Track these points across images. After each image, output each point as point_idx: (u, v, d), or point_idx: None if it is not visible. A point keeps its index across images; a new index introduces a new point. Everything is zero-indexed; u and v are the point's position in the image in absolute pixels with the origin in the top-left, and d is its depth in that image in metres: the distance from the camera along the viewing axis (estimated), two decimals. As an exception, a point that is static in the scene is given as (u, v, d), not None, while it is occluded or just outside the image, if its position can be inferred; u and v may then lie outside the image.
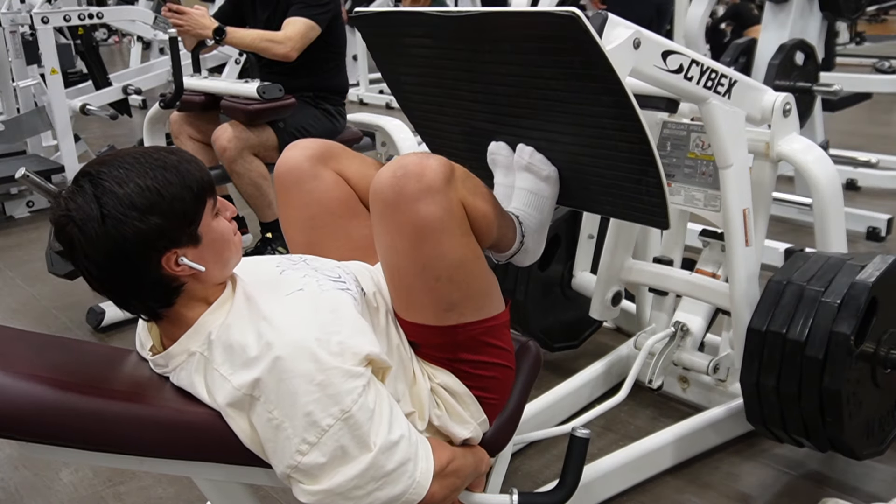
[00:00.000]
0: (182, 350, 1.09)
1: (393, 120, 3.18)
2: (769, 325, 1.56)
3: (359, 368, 1.04)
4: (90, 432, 0.99)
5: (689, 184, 1.80)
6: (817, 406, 1.51)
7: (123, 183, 1.02)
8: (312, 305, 1.09)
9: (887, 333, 1.56)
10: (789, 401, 1.55)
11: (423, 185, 1.12)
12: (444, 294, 1.18)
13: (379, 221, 1.18)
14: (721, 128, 1.58)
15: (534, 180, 1.49)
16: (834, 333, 1.48)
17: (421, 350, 1.24)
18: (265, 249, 3.05)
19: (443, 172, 1.14)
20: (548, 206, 1.50)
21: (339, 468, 1.02)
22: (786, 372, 1.54)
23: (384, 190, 1.14)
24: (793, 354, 1.52)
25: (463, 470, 1.20)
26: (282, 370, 1.01)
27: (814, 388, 1.50)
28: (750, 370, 1.60)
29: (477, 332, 1.23)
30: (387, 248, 1.19)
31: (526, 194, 1.49)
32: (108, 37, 12.03)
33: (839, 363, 1.47)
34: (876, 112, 5.66)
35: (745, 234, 1.67)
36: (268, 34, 2.83)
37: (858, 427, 1.56)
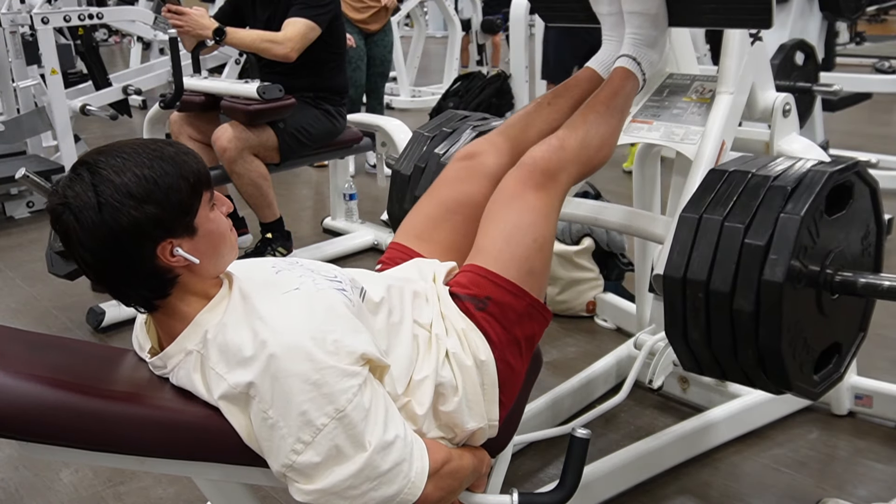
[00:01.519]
0: (179, 349, 1.10)
1: (393, 120, 3.18)
2: (688, 274, 1.34)
3: (354, 367, 1.04)
4: (90, 432, 0.99)
5: (672, 121, 1.76)
6: (756, 361, 1.32)
7: (121, 172, 1.02)
8: (308, 304, 1.09)
9: (832, 254, 1.36)
10: (725, 355, 1.36)
11: (547, 176, 1.38)
12: (532, 257, 1.32)
13: (503, 189, 1.38)
14: (737, 54, 1.60)
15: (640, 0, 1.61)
16: (765, 283, 1.26)
17: (488, 308, 1.27)
18: (265, 250, 3.05)
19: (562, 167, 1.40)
20: (660, 22, 1.64)
21: (334, 468, 1.02)
22: (715, 326, 1.34)
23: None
24: (719, 307, 1.32)
25: (460, 472, 1.20)
26: (277, 369, 1.01)
27: (749, 343, 1.31)
28: (674, 323, 1.41)
29: (536, 314, 1.31)
30: (503, 206, 1.36)
31: (636, 17, 1.62)
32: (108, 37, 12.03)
33: (774, 315, 1.26)
34: (876, 112, 5.67)
35: (715, 161, 1.62)
36: (268, 35, 2.83)
37: (807, 365, 1.37)
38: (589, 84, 1.66)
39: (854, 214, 1.40)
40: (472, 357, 1.23)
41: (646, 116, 1.80)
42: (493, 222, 1.37)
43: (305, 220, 3.96)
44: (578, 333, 2.61)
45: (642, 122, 1.79)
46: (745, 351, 1.33)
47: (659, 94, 1.82)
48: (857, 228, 1.42)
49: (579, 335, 2.59)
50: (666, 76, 1.84)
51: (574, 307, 2.70)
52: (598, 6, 1.70)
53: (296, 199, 4.39)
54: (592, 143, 1.48)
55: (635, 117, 1.81)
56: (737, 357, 1.36)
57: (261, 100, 2.74)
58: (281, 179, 4.15)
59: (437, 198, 1.52)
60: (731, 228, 1.31)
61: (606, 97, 1.56)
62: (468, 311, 1.27)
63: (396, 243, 1.48)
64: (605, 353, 2.21)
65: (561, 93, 1.66)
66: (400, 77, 6.97)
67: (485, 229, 1.37)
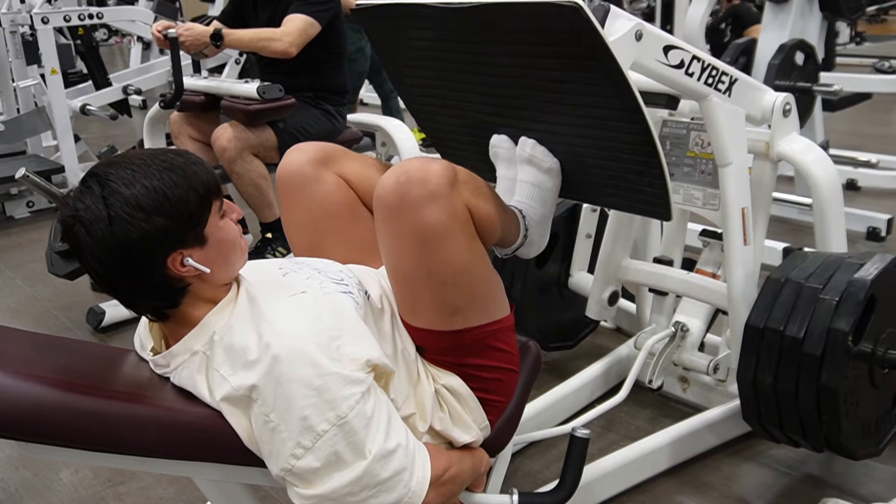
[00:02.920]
0: (185, 349, 1.10)
1: (393, 120, 3.18)
2: (767, 322, 1.55)
3: (358, 374, 1.03)
4: (90, 432, 0.99)
5: (688, 182, 1.80)
6: (814, 404, 1.50)
7: (130, 184, 1.02)
8: (314, 309, 1.09)
9: (885, 333, 1.55)
10: (786, 398, 1.54)
11: (426, 190, 1.12)
12: (450, 298, 1.18)
13: (383, 227, 1.18)
14: (721, 126, 1.58)
15: (536, 173, 1.50)
16: (832, 330, 1.46)
17: (427, 354, 1.24)
18: (265, 250, 3.05)
19: (446, 177, 1.14)
20: (550, 199, 1.51)
21: (333, 474, 1.02)
22: (783, 369, 1.53)
23: (388, 196, 1.14)
24: (790, 351, 1.51)
25: (460, 476, 1.20)
26: (280, 374, 1.01)
27: (811, 385, 1.49)
28: (747, 367, 1.59)
29: (482, 335, 1.23)
30: (391, 253, 1.19)
31: (528, 187, 1.50)
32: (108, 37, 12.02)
33: (837, 360, 1.46)
34: (876, 112, 5.66)
35: (743, 232, 1.67)
36: (266, 32, 2.83)
37: (855, 427, 1.55)
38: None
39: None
40: (437, 382, 1.23)
41: None
42: (390, 268, 1.22)
43: (305, 220, 3.96)
44: (578, 333, 2.60)
45: None
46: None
47: (663, 147, 1.83)
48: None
49: (579, 335, 2.59)
50: (661, 124, 1.85)
51: (574, 307, 2.70)
52: (497, 167, 1.58)
53: (296, 198, 4.38)
54: (481, 190, 1.24)
55: None
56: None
57: (261, 100, 2.74)
58: (281, 179, 4.15)
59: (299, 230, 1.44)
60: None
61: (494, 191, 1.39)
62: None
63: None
64: (605, 353, 2.20)
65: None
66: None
67: (387, 274, 1.24)
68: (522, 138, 1.51)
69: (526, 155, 1.50)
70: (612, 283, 2.03)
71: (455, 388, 1.23)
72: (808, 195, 1.92)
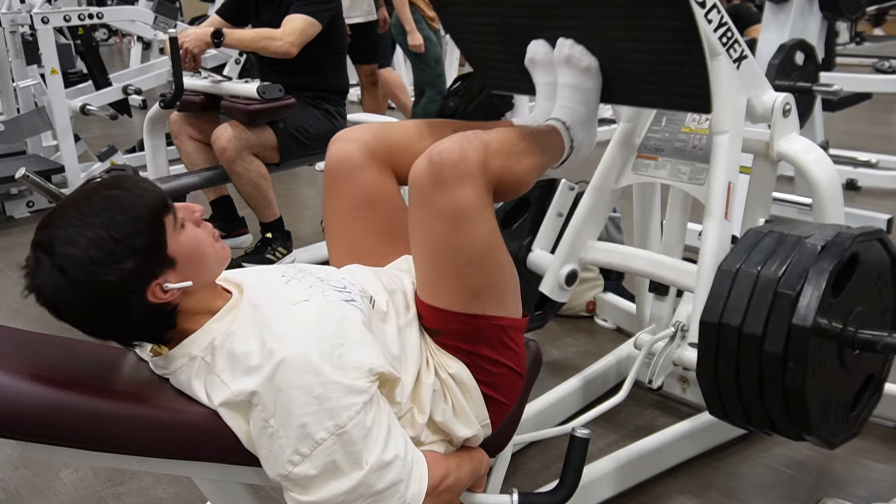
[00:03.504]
0: (183, 354, 1.09)
1: (393, 120, 3.18)
2: (722, 318, 1.42)
3: (360, 384, 1.03)
4: (90, 432, 0.99)
5: (677, 157, 1.77)
6: (781, 404, 1.39)
7: (76, 242, 1.00)
8: (317, 317, 1.08)
9: (854, 312, 1.42)
10: (751, 398, 1.43)
11: (459, 171, 1.16)
12: (472, 279, 1.21)
13: (416, 205, 1.21)
14: (725, 89, 1.56)
15: (575, 74, 1.51)
16: (794, 327, 1.34)
17: (441, 338, 1.24)
18: (265, 250, 3.05)
19: (478, 157, 1.18)
20: (593, 99, 1.53)
21: (330, 482, 1.02)
22: (745, 368, 1.41)
23: (422, 177, 1.18)
24: (750, 349, 1.39)
25: (458, 484, 1.20)
26: (281, 380, 1.01)
27: (776, 384, 1.38)
28: (706, 367, 1.47)
29: (497, 327, 1.24)
30: (422, 231, 1.22)
31: (569, 90, 1.52)
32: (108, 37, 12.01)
33: (801, 358, 1.34)
34: (876, 112, 5.66)
35: (725, 206, 1.62)
36: (266, 32, 2.83)
37: (827, 415, 1.44)
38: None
39: (872, 278, 1.45)
40: (444, 371, 1.23)
41: (650, 151, 1.81)
42: (418, 246, 1.25)
43: (305, 220, 3.96)
44: (578, 333, 2.61)
45: (648, 159, 1.80)
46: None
47: (658, 124, 1.83)
48: (879, 291, 1.47)
49: (579, 335, 2.59)
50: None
51: (574, 307, 2.70)
52: (535, 75, 1.60)
53: (296, 199, 4.39)
54: (514, 150, 1.29)
55: (640, 152, 1.82)
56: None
57: (261, 100, 2.74)
58: (281, 179, 4.15)
59: (338, 216, 1.45)
60: (765, 279, 1.38)
61: (531, 133, 1.41)
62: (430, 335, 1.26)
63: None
64: (605, 353, 2.21)
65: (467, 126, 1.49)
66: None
67: (414, 254, 1.27)
68: (560, 39, 1.52)
69: (564, 55, 1.51)
70: (573, 261, 1.91)
71: (462, 378, 1.23)
72: (808, 195, 1.92)
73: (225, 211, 3.28)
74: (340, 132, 1.46)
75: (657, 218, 2.16)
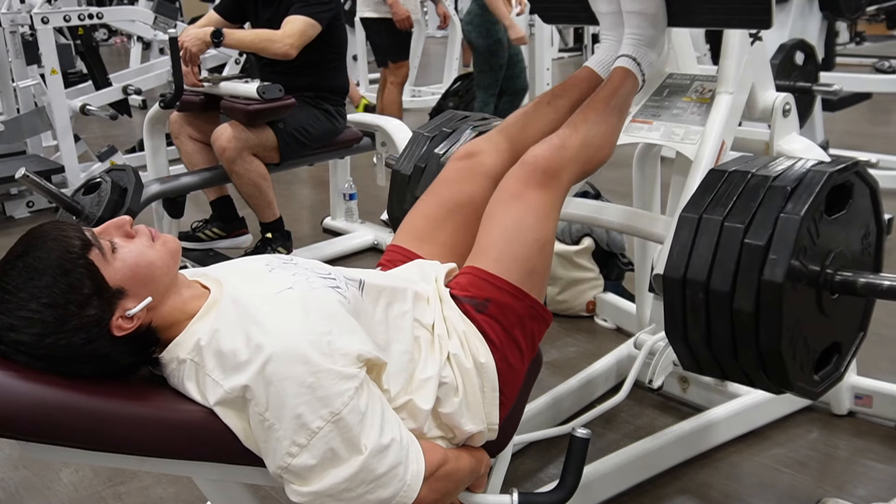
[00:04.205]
0: (171, 358, 1.09)
1: (393, 120, 3.18)
2: (687, 273, 1.34)
3: (350, 370, 1.03)
4: (90, 432, 0.98)
5: (671, 121, 1.77)
6: (757, 363, 1.32)
7: (15, 327, 0.99)
8: (302, 305, 1.08)
9: (832, 254, 1.35)
10: (724, 356, 1.37)
11: (548, 175, 1.37)
12: (533, 258, 1.31)
13: (504, 189, 1.38)
14: (735, 52, 1.60)
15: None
16: (765, 283, 1.26)
17: (488, 310, 1.27)
18: (265, 250, 3.05)
19: (564, 165, 1.40)
20: (659, 22, 1.64)
21: (330, 470, 1.02)
22: (715, 326, 1.33)
23: (520, 176, 1.37)
24: (719, 307, 1.31)
25: (456, 474, 1.19)
26: (272, 372, 1.00)
27: (749, 344, 1.30)
28: (674, 323, 1.41)
29: (536, 314, 1.31)
30: (504, 207, 1.35)
31: (635, 17, 1.63)
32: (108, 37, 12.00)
33: (773, 317, 1.26)
34: (876, 112, 5.66)
35: (715, 161, 1.62)
36: (266, 33, 2.83)
37: (807, 366, 1.36)
38: (588, 84, 1.66)
39: (854, 214, 1.40)
40: (472, 360, 1.22)
41: (645, 116, 1.80)
42: (494, 223, 1.36)
43: (305, 220, 3.96)
44: (578, 333, 2.61)
45: (642, 122, 1.79)
46: (745, 352, 1.33)
47: (659, 95, 1.82)
48: (857, 228, 1.42)
49: (579, 335, 2.59)
50: (666, 76, 1.84)
51: (574, 307, 2.70)
52: (597, 5, 1.70)
53: (296, 199, 4.39)
54: (593, 142, 1.47)
55: (635, 117, 1.81)
56: (737, 358, 1.35)
57: (261, 100, 2.74)
58: (281, 179, 4.15)
59: (437, 198, 1.51)
60: (730, 228, 1.31)
61: (606, 96, 1.56)
62: (468, 313, 1.26)
63: (396, 245, 1.48)
64: (605, 353, 2.21)
65: (560, 93, 1.66)
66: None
67: (485, 230, 1.36)
68: None
69: None
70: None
71: (487, 369, 1.23)
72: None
73: (225, 211, 3.28)
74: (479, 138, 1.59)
75: (657, 206, 2.16)
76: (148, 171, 3.23)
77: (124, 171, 2.50)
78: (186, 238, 3.20)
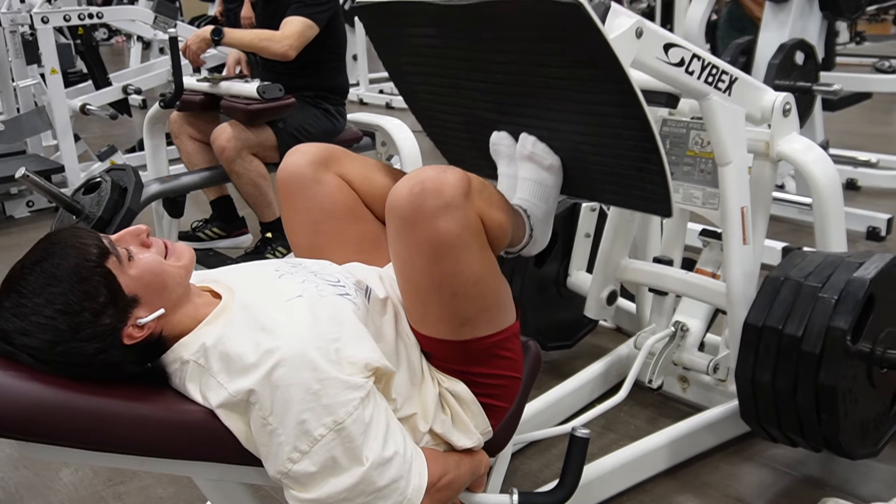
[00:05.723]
0: (175, 358, 1.09)
1: (393, 120, 3.18)
2: (766, 321, 1.55)
3: (357, 379, 1.03)
4: (90, 432, 0.99)
5: (687, 181, 1.80)
6: (813, 402, 1.50)
7: (28, 332, 0.99)
8: (311, 313, 1.08)
9: (884, 332, 1.55)
10: (784, 396, 1.54)
11: (441, 201, 1.10)
12: (460, 309, 1.17)
13: (396, 237, 1.16)
14: (721, 125, 1.58)
15: (537, 170, 1.50)
16: (831, 328, 1.46)
17: (433, 360, 1.24)
18: (265, 249, 3.05)
19: (461, 188, 1.12)
20: (553, 196, 1.52)
21: (330, 479, 1.02)
22: (782, 367, 1.53)
23: (402, 206, 1.12)
24: (789, 350, 1.51)
25: (457, 482, 1.20)
26: (279, 377, 1.00)
27: (810, 383, 1.49)
28: (745, 365, 1.59)
29: (489, 345, 1.23)
30: (403, 263, 1.17)
31: (530, 184, 1.50)
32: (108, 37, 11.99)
33: (835, 358, 1.46)
34: (876, 112, 5.66)
35: (742, 231, 1.66)
36: (265, 33, 2.83)
37: (854, 426, 1.55)
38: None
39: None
40: (441, 386, 1.23)
41: None
42: (401, 278, 1.21)
43: (305, 220, 3.95)
44: (578, 333, 2.60)
45: None
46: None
47: (662, 145, 1.82)
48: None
49: (579, 335, 2.59)
50: (661, 123, 1.84)
51: (574, 307, 2.70)
52: (498, 164, 1.58)
53: (296, 198, 4.38)
54: (493, 197, 1.24)
55: None
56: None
57: (261, 99, 2.74)
58: (281, 179, 4.13)
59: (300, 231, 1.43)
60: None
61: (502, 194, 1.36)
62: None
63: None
64: (605, 353, 2.20)
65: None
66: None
67: (401, 286, 1.22)
68: (523, 135, 1.51)
69: (527, 152, 1.50)
70: (610, 283, 2.03)
71: (459, 393, 1.23)
72: (808, 195, 1.92)
73: (225, 211, 3.28)
74: (292, 147, 1.45)
75: (657, 217, 2.17)
76: (148, 170, 3.23)
77: (124, 170, 2.49)
78: (186, 238, 3.20)
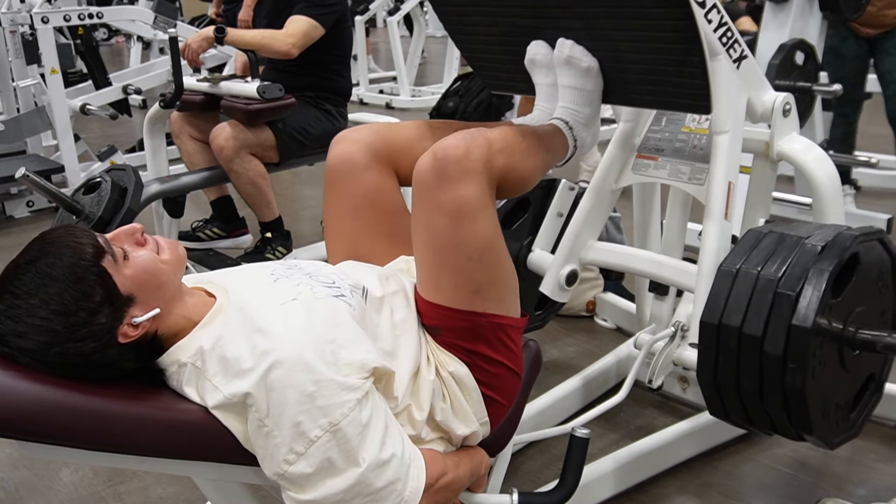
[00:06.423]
0: (172, 361, 1.09)
1: (393, 120, 3.18)
2: (723, 318, 1.42)
3: (353, 381, 1.03)
4: (90, 432, 0.99)
5: (677, 157, 1.77)
6: (781, 405, 1.39)
7: (23, 334, 0.98)
8: (307, 315, 1.08)
9: (854, 312, 1.42)
10: (751, 397, 1.43)
11: (462, 167, 1.16)
12: (473, 275, 1.20)
13: (419, 201, 1.21)
14: (724, 89, 1.56)
15: (575, 75, 1.52)
16: (794, 327, 1.34)
17: (442, 336, 1.24)
18: (265, 249, 3.05)
19: (482, 153, 1.18)
20: (595, 100, 1.54)
21: (326, 480, 1.02)
22: (745, 368, 1.41)
23: (426, 173, 1.18)
24: (750, 350, 1.39)
25: (456, 483, 1.20)
26: (275, 379, 1.00)
27: (776, 385, 1.38)
28: (706, 367, 1.48)
29: (496, 325, 1.24)
30: (425, 227, 1.21)
31: (570, 91, 1.52)
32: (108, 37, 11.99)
33: (802, 360, 1.34)
34: (876, 112, 5.65)
35: (725, 206, 1.63)
36: (268, 32, 2.84)
37: (827, 416, 1.44)
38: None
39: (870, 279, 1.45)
40: (444, 369, 1.23)
41: (650, 151, 1.81)
42: (421, 243, 1.23)
43: (305, 220, 3.96)
44: (578, 333, 2.61)
45: (648, 159, 1.81)
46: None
47: (658, 123, 1.83)
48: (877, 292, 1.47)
49: (579, 335, 2.59)
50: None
51: (574, 307, 2.70)
52: (535, 76, 1.60)
53: (296, 198, 4.39)
54: (517, 148, 1.30)
55: (640, 151, 1.82)
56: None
57: (261, 99, 2.74)
58: (281, 179, 4.15)
59: (339, 216, 1.44)
60: (765, 279, 1.39)
61: (534, 131, 1.41)
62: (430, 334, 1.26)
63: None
64: (605, 352, 2.21)
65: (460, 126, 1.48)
66: (400, 77, 6.97)
67: (417, 252, 1.25)
68: (560, 40, 1.52)
69: (564, 55, 1.52)
70: (573, 262, 1.92)
71: (461, 377, 1.23)
72: (808, 195, 1.92)
73: (225, 211, 3.28)
74: (342, 132, 1.46)
75: (657, 218, 2.16)
76: (148, 170, 3.23)
77: (124, 170, 2.50)
78: (186, 238, 3.21)
